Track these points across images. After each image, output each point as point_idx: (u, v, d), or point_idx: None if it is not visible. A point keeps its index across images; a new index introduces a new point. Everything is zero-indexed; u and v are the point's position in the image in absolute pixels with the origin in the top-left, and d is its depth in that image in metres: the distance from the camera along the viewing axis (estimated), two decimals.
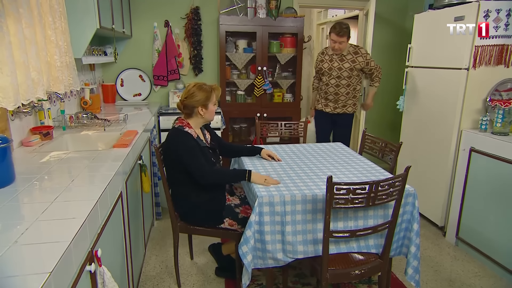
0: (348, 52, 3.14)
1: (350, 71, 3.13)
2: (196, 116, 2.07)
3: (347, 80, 3.16)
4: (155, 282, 2.29)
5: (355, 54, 3.13)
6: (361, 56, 3.13)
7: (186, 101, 2.03)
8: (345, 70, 3.13)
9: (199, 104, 2.03)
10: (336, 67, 3.15)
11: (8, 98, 1.48)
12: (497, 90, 2.63)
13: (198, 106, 2.04)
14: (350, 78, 3.16)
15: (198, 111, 2.05)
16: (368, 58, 3.15)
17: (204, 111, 2.06)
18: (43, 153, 1.76)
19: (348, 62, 3.13)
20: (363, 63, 3.13)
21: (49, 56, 1.95)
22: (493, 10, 2.49)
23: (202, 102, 2.03)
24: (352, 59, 3.12)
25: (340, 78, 3.17)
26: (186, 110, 2.06)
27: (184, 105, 2.05)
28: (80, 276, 1.04)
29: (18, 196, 1.25)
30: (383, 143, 2.46)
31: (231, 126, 3.94)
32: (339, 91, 3.21)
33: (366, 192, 1.56)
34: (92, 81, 3.27)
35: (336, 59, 3.16)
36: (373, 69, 3.19)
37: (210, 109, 2.08)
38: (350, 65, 3.12)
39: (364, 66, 3.15)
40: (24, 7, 1.64)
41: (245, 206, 2.09)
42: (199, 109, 2.04)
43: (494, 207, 2.41)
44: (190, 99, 2.02)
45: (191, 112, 2.06)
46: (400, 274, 2.35)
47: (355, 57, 3.13)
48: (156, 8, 3.64)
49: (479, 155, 2.53)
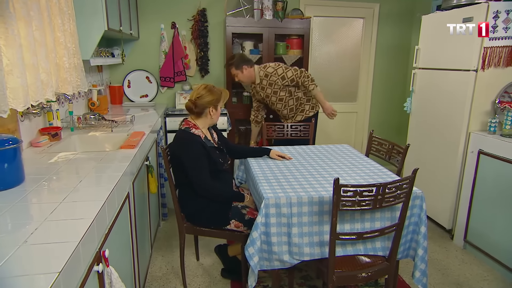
0: (260, 79, 3.02)
1: (282, 90, 3.02)
2: (205, 116, 2.09)
3: (288, 96, 3.05)
4: (161, 282, 2.30)
5: (266, 77, 2.99)
6: (273, 76, 2.97)
7: (199, 100, 2.04)
8: (277, 92, 3.03)
9: (211, 105, 2.06)
10: (270, 93, 3.05)
11: (18, 99, 1.50)
12: (506, 92, 2.60)
13: (209, 107, 2.06)
14: (289, 93, 3.04)
15: (209, 111, 2.07)
16: (280, 74, 2.96)
17: (214, 112, 2.09)
18: (52, 154, 1.78)
19: (269, 88, 3.03)
20: (279, 81, 2.97)
21: (58, 58, 1.97)
22: (503, 11, 2.46)
23: (214, 103, 2.07)
24: (269, 82, 3.00)
25: (282, 100, 3.06)
26: (197, 109, 2.07)
27: (196, 105, 2.05)
28: (88, 276, 1.05)
29: (27, 196, 1.26)
30: (390, 145, 2.44)
31: (237, 128, 3.94)
32: (289, 105, 3.11)
33: (373, 194, 1.55)
34: (99, 83, 3.30)
35: (261, 87, 3.06)
36: (296, 80, 2.97)
37: (218, 111, 2.11)
38: (272, 89, 3.02)
39: (285, 82, 2.98)
40: (35, 10, 1.66)
41: (251, 208, 2.09)
42: (210, 110, 2.07)
43: (503, 210, 2.38)
44: (202, 99, 2.04)
45: (202, 112, 2.07)
46: (407, 277, 2.33)
47: (269, 80, 2.99)
48: (163, 10, 3.67)
49: (488, 157, 2.50)
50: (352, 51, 4.24)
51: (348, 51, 4.24)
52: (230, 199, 2.07)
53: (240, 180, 2.53)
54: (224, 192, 2.07)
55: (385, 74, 4.28)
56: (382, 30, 4.14)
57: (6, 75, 1.44)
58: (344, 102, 4.36)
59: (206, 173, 1.98)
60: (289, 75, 2.97)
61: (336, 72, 4.27)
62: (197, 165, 1.96)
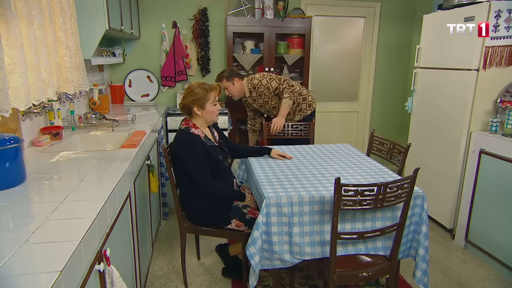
0: (249, 92, 3.03)
1: (273, 99, 3.01)
2: (195, 116, 2.08)
3: (280, 102, 3.00)
4: (162, 282, 2.30)
5: (254, 89, 2.99)
6: (260, 87, 2.97)
7: (183, 101, 2.04)
8: (268, 102, 3.02)
9: (194, 104, 2.03)
10: (262, 103, 3.06)
11: (19, 98, 1.50)
12: (508, 91, 2.59)
13: (193, 106, 2.03)
14: (281, 99, 3.00)
15: (194, 111, 2.05)
16: (264, 84, 2.96)
17: (201, 111, 2.04)
18: (53, 153, 1.78)
19: (260, 98, 3.03)
20: (266, 91, 2.97)
21: (59, 57, 1.97)
22: (505, 10, 2.46)
23: (197, 102, 2.02)
24: (258, 93, 3.00)
25: (275, 107, 3.05)
26: (184, 110, 2.08)
27: (182, 106, 2.06)
28: (89, 275, 1.05)
29: (28, 195, 1.27)
30: (391, 145, 2.44)
31: (238, 127, 3.94)
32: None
33: (374, 194, 1.55)
34: (100, 82, 3.30)
35: (252, 99, 3.07)
36: (279, 88, 2.95)
37: (208, 109, 2.05)
38: (263, 99, 3.02)
39: (271, 92, 2.97)
40: (36, 10, 1.66)
41: (252, 207, 2.09)
42: (195, 109, 2.04)
43: (504, 209, 2.38)
44: (186, 99, 2.04)
45: (190, 113, 2.07)
46: (408, 277, 2.33)
47: (258, 91, 3.00)
48: (164, 10, 3.67)
49: (489, 157, 2.50)
50: (353, 50, 4.24)
51: (349, 50, 4.23)
52: (231, 199, 2.07)
53: (241, 180, 2.53)
54: (225, 191, 2.07)
55: (386, 73, 4.27)
56: (383, 29, 4.14)
57: (8, 75, 1.44)
58: (345, 102, 4.36)
59: (207, 173, 1.98)
60: (273, 85, 2.96)
61: (337, 72, 4.26)
62: (197, 165, 1.97)
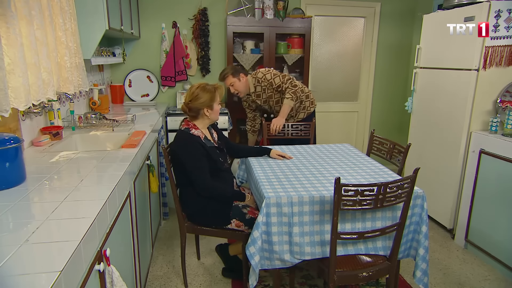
0: (254, 86, 3.01)
1: (276, 94, 2.99)
2: (202, 117, 2.08)
3: (283, 97, 2.99)
4: (162, 282, 2.30)
5: (258, 83, 2.97)
6: (263, 81, 2.95)
7: (191, 104, 2.03)
8: (271, 96, 3.01)
9: (204, 106, 2.03)
10: (266, 98, 3.03)
11: (19, 98, 1.50)
12: (508, 91, 2.59)
13: (203, 108, 2.04)
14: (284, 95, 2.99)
15: (204, 112, 2.05)
16: (268, 79, 2.94)
17: (210, 111, 2.06)
18: (53, 153, 1.78)
19: (264, 93, 3.01)
20: (269, 86, 2.96)
21: (59, 57, 1.97)
22: (505, 10, 2.46)
23: (207, 104, 2.03)
24: (262, 88, 2.99)
25: (278, 102, 3.03)
26: (192, 112, 2.06)
27: (190, 108, 2.05)
28: (89, 275, 1.05)
29: (28, 195, 1.27)
30: (391, 145, 2.44)
31: (238, 127, 3.94)
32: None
33: (374, 194, 1.55)
34: (100, 82, 3.30)
35: (256, 94, 3.04)
36: (282, 86, 2.92)
37: (215, 109, 2.08)
38: (267, 94, 3.00)
39: (274, 87, 2.95)
40: (36, 10, 1.66)
41: (252, 207, 2.09)
42: (205, 111, 2.05)
43: (504, 209, 2.38)
44: (195, 102, 2.02)
45: (197, 114, 2.07)
46: (408, 277, 2.33)
47: (261, 86, 2.98)
48: (164, 9, 3.67)
49: (489, 157, 2.50)
50: (353, 50, 4.24)
51: (349, 50, 4.24)
52: (231, 199, 2.07)
53: (241, 180, 2.53)
54: (225, 191, 2.07)
55: (386, 73, 4.27)
56: (383, 29, 4.14)
57: (8, 75, 1.44)
58: (345, 102, 4.36)
59: (207, 173, 1.98)
60: (276, 82, 2.94)
61: (337, 72, 4.26)
62: (197, 166, 1.97)
